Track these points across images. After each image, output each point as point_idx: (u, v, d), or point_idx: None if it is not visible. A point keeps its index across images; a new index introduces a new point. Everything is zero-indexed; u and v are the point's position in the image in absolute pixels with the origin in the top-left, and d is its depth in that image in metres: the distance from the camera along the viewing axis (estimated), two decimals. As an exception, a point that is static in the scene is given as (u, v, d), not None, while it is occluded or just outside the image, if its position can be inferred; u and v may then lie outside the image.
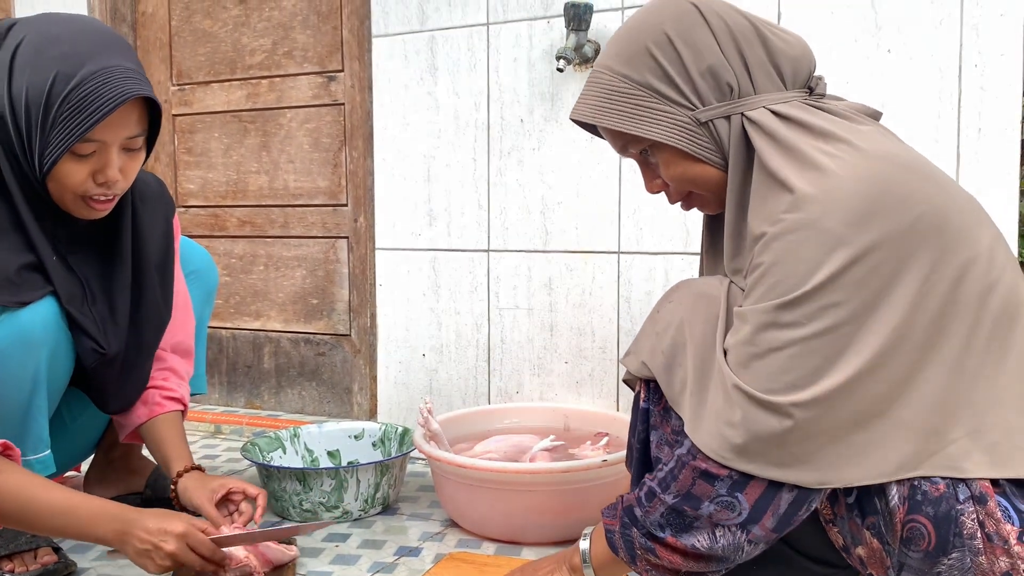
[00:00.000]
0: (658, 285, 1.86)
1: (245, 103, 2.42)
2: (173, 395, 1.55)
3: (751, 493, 0.94)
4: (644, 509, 1.01)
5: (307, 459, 1.85)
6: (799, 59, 1.04)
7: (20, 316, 1.27)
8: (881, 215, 0.91)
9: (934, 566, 0.93)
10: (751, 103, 1.01)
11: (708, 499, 0.96)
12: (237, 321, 2.49)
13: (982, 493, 0.92)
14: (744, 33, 1.02)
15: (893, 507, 0.93)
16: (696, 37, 1.01)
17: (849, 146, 0.95)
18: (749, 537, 0.96)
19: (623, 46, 1.05)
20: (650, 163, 1.09)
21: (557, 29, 1.91)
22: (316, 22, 2.30)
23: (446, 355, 2.10)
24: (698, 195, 1.09)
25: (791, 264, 0.92)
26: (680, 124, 1.02)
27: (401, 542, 1.56)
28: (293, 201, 2.38)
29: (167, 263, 1.52)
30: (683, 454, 0.98)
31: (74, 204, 1.31)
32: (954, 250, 0.93)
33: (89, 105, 1.21)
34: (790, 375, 0.92)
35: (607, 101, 1.05)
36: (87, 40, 1.25)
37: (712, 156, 1.03)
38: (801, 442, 0.92)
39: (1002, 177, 1.58)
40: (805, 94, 1.04)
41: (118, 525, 1.22)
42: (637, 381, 1.13)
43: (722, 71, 1.01)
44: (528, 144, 1.97)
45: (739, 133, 1.01)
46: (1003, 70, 1.57)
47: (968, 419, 0.93)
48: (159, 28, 2.52)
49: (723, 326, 1.00)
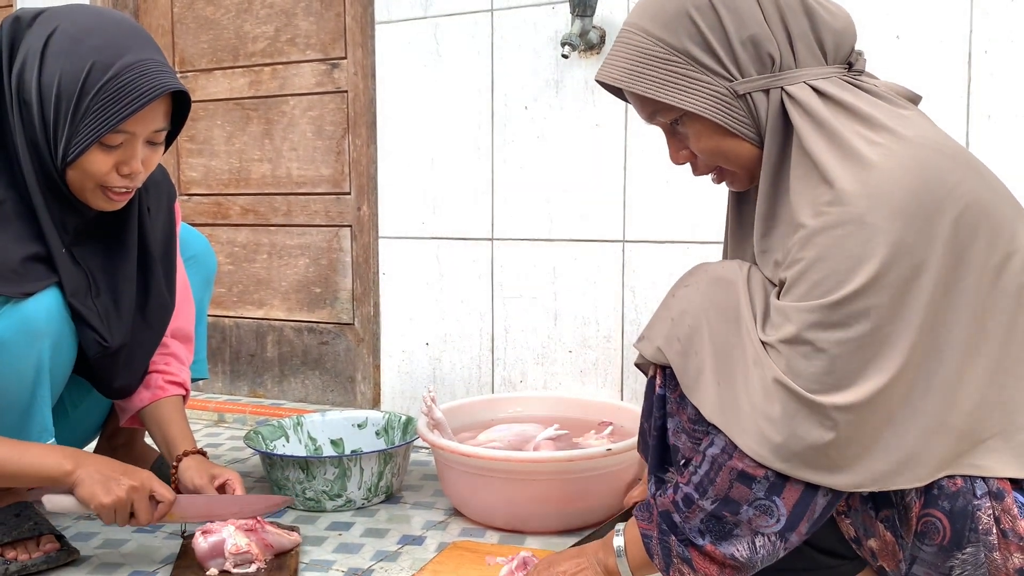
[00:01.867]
0: (663, 274, 1.85)
1: (248, 90, 2.41)
2: (175, 379, 1.55)
3: (788, 497, 0.92)
4: (683, 515, 0.98)
5: (310, 448, 1.85)
6: (842, 33, 0.99)
7: (23, 307, 1.27)
8: (926, 209, 0.88)
9: (947, 560, 0.92)
10: (792, 77, 0.96)
11: (747, 503, 0.93)
12: (240, 310, 2.48)
13: (999, 489, 0.91)
14: (790, 3, 0.97)
15: (909, 501, 0.92)
16: (739, 3, 0.96)
17: (891, 134, 0.92)
18: (786, 545, 0.94)
19: (661, 6, 0.99)
20: (678, 133, 1.04)
21: (562, 15, 1.89)
22: (319, 9, 2.29)
23: (450, 344, 2.09)
24: (728, 170, 1.05)
25: (835, 261, 0.89)
26: (717, 95, 0.97)
27: (404, 531, 1.56)
28: (296, 189, 2.37)
29: (170, 251, 1.52)
30: (717, 454, 0.95)
31: (93, 194, 1.31)
32: (996, 245, 0.91)
33: (126, 96, 1.23)
34: (833, 376, 0.89)
35: (640, 65, 0.99)
36: (122, 33, 1.27)
37: (747, 131, 0.99)
38: (840, 446, 0.90)
39: (1012, 164, 1.57)
40: (844, 69, 0.99)
41: (76, 455, 1.25)
42: (651, 366, 1.10)
43: (765, 42, 0.96)
44: (532, 132, 1.95)
45: (778, 109, 0.97)
46: (1013, 56, 1.55)
47: (1000, 419, 0.92)
48: (161, 15, 2.51)
49: (748, 312, 0.97)
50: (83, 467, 1.25)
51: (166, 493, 1.29)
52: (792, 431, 0.90)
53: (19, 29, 1.28)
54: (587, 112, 1.89)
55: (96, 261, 1.39)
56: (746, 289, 0.98)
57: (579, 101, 1.89)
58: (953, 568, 0.92)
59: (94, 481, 1.23)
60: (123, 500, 1.24)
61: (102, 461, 1.28)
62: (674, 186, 1.82)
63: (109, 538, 1.52)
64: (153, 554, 1.46)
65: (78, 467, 1.25)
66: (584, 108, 1.89)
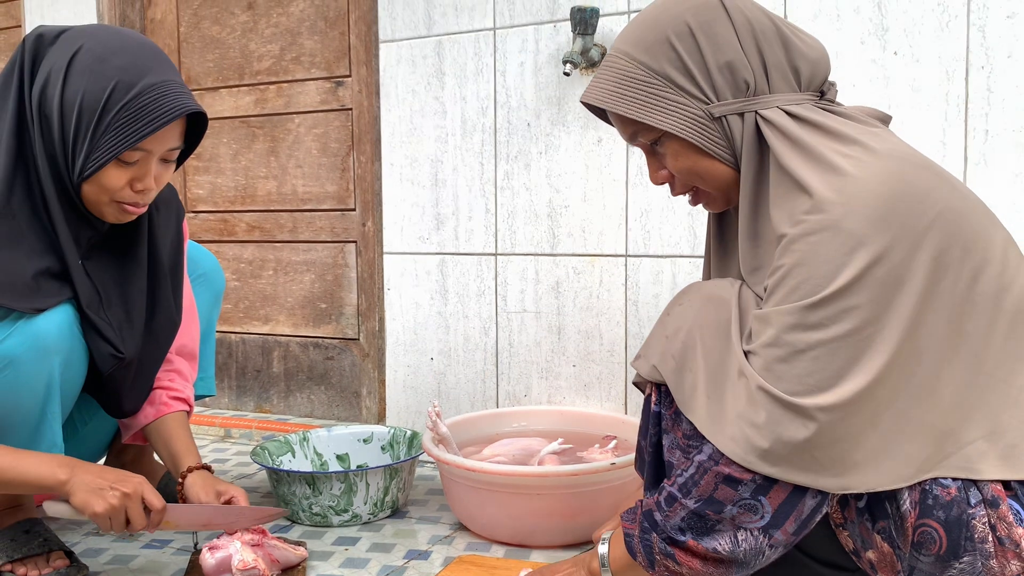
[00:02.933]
0: (665, 288, 1.86)
1: (253, 108, 2.43)
2: (179, 395, 1.56)
3: (774, 497, 0.94)
4: (664, 513, 1.00)
5: (316, 463, 1.85)
6: (817, 63, 1.04)
7: (35, 323, 1.28)
8: (901, 215, 0.91)
9: (945, 570, 0.93)
10: (765, 102, 1.01)
11: (731, 502, 0.95)
12: (246, 325, 2.50)
13: (994, 497, 0.92)
14: (766, 33, 1.01)
15: (904, 512, 0.93)
16: (717, 31, 1.01)
17: (863, 148, 0.96)
18: (771, 542, 0.95)
19: (643, 33, 1.04)
20: (657, 153, 1.08)
21: (564, 33, 1.92)
22: (324, 28, 2.32)
23: (454, 359, 2.11)
24: (704, 191, 1.09)
25: (813, 265, 0.92)
26: (693, 117, 1.02)
27: (410, 545, 1.57)
28: (301, 206, 2.39)
29: (178, 268, 1.54)
30: (704, 460, 0.97)
31: (109, 207, 1.33)
32: (970, 251, 0.93)
33: (148, 115, 1.26)
34: (814, 377, 0.91)
35: (621, 87, 1.04)
36: (145, 54, 1.30)
37: (722, 152, 1.03)
38: (825, 447, 0.91)
39: (1010, 180, 1.58)
40: (817, 97, 1.04)
41: (70, 464, 1.26)
42: (647, 384, 1.12)
43: (740, 68, 1.00)
44: (535, 148, 1.97)
45: (752, 131, 1.01)
46: (1010, 72, 1.56)
47: (984, 420, 0.93)
48: (168, 34, 2.54)
49: (736, 329, 1.00)
50: (77, 476, 1.25)
51: (155, 501, 1.29)
52: (778, 436, 0.91)
53: (42, 46, 1.30)
54: (589, 128, 1.91)
55: (108, 275, 1.41)
56: (737, 306, 1.01)
57: (581, 118, 1.91)
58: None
59: (87, 490, 1.24)
60: (116, 508, 1.25)
61: (96, 470, 1.28)
62: (675, 201, 1.83)
63: (118, 554, 1.53)
64: (162, 570, 1.47)
65: (72, 476, 1.25)
66: (586, 124, 1.91)
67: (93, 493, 1.24)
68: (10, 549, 1.38)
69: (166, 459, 1.53)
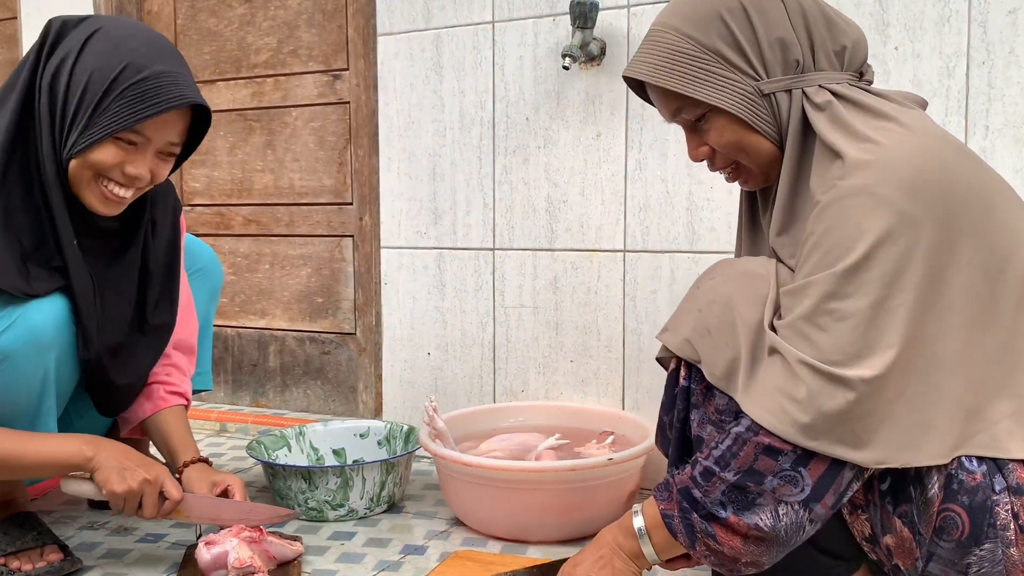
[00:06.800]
0: (664, 284, 1.85)
1: (250, 102, 2.42)
2: (177, 389, 1.56)
3: (814, 469, 0.93)
4: (703, 489, 0.98)
5: (312, 457, 1.85)
6: (857, 43, 1.05)
7: (31, 318, 1.27)
8: (934, 188, 0.92)
9: (965, 557, 0.92)
10: (811, 80, 1.02)
11: (772, 473, 0.93)
12: (242, 320, 2.49)
13: (1018, 484, 0.92)
14: (812, 12, 1.03)
15: (932, 496, 0.93)
16: (768, 8, 1.02)
17: (899, 124, 0.97)
18: (811, 516, 0.94)
19: (693, 8, 1.04)
20: (700, 129, 1.09)
21: (563, 27, 1.91)
22: (321, 20, 2.30)
23: (451, 354, 2.10)
24: (744, 167, 1.09)
25: (844, 228, 0.92)
26: (743, 93, 1.03)
27: (407, 540, 1.56)
28: (298, 200, 2.38)
29: (173, 265, 1.53)
30: (742, 431, 0.96)
31: (89, 188, 1.31)
32: (1000, 231, 0.94)
33: (152, 97, 1.26)
34: (855, 347, 0.91)
35: (670, 62, 1.04)
36: (161, 47, 1.32)
37: (768, 128, 1.04)
38: (863, 419, 0.91)
39: (1010, 175, 1.57)
40: (856, 77, 1.05)
41: (96, 441, 1.30)
42: (672, 359, 1.11)
43: (791, 45, 1.02)
44: (534, 142, 1.96)
45: (799, 108, 1.02)
46: (1011, 67, 1.56)
47: (1011, 399, 0.93)
48: (164, 27, 2.53)
49: (772, 306, 1.00)
50: (103, 452, 1.30)
51: (175, 491, 1.33)
52: (818, 409, 0.91)
53: (65, 31, 1.32)
54: (588, 123, 1.90)
55: (100, 269, 1.40)
56: (775, 283, 1.01)
57: (580, 112, 1.90)
58: (971, 565, 0.92)
59: (111, 468, 1.28)
60: (134, 491, 1.28)
61: (122, 449, 1.32)
62: (674, 196, 1.83)
63: (112, 548, 1.53)
64: (156, 564, 1.46)
65: (98, 452, 1.29)
66: (585, 119, 1.90)
67: (116, 472, 1.28)
68: (3, 543, 1.38)
69: (164, 453, 1.53)
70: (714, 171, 1.13)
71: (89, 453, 1.29)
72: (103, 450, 1.29)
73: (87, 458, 1.28)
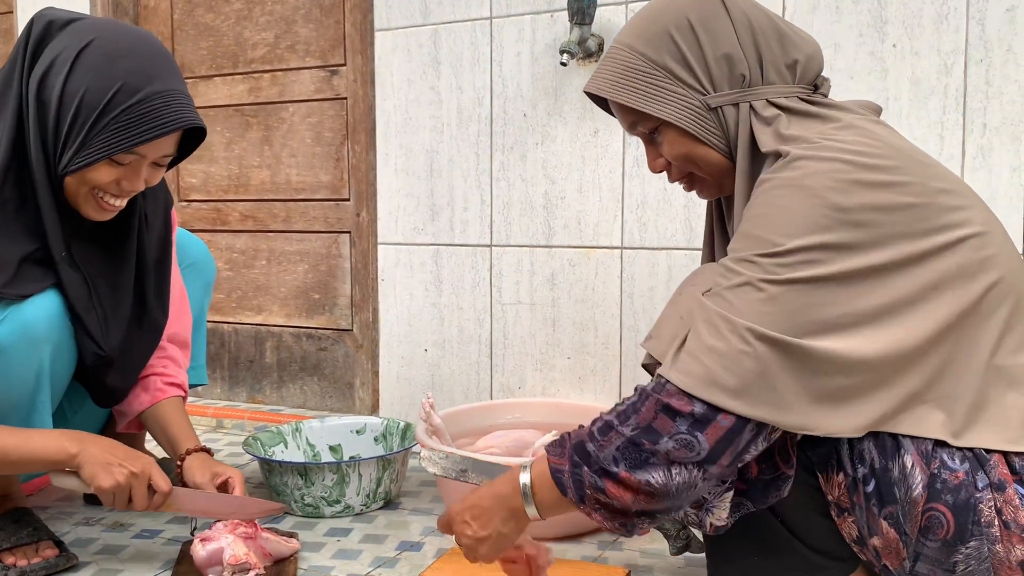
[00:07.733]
0: (661, 281, 1.85)
1: (247, 97, 2.41)
2: (174, 381, 1.56)
3: (712, 434, 0.92)
4: (598, 443, 0.97)
5: (309, 454, 1.85)
6: (811, 57, 1.08)
7: (24, 312, 1.27)
8: (867, 182, 0.94)
9: (951, 555, 0.93)
10: (758, 94, 1.05)
11: (667, 435, 0.93)
12: (239, 316, 2.48)
13: (1001, 480, 0.93)
14: (763, 28, 1.06)
15: (916, 496, 0.93)
16: (716, 25, 1.06)
17: (843, 126, 1.00)
18: (705, 475, 0.94)
19: (645, 26, 1.09)
20: (656, 141, 1.13)
21: (561, 23, 1.90)
22: (319, 16, 2.30)
23: (448, 350, 2.10)
24: (699, 177, 1.13)
25: (774, 215, 0.95)
26: (691, 107, 1.07)
27: (403, 536, 1.56)
28: (295, 195, 2.37)
29: (164, 259, 1.53)
30: (649, 388, 0.96)
31: (86, 199, 1.33)
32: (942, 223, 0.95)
33: (148, 122, 1.26)
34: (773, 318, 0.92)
35: (623, 78, 1.09)
36: (154, 58, 1.30)
37: (716, 141, 1.08)
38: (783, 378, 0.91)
39: (1008, 173, 1.57)
40: (810, 91, 1.08)
41: (80, 437, 1.29)
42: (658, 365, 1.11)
43: (737, 61, 1.05)
44: (531, 139, 1.96)
45: (747, 121, 1.06)
46: (1009, 65, 1.56)
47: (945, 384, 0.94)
48: (161, 22, 2.52)
49: None
50: (87, 448, 1.28)
51: (162, 484, 1.32)
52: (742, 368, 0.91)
53: (50, 33, 1.30)
54: (586, 119, 1.90)
55: (95, 266, 1.40)
56: None
57: (578, 108, 1.90)
58: (957, 564, 0.93)
59: (96, 464, 1.27)
60: (122, 485, 1.27)
61: (106, 444, 1.31)
62: (671, 193, 1.82)
63: (108, 544, 1.53)
64: (152, 560, 1.46)
65: (82, 449, 1.28)
66: (583, 115, 1.90)
67: (102, 467, 1.26)
68: (-1, 539, 1.38)
69: (164, 444, 1.53)
70: (672, 182, 1.17)
71: (73, 450, 1.27)
72: (88, 446, 1.28)
73: (71, 455, 1.27)
